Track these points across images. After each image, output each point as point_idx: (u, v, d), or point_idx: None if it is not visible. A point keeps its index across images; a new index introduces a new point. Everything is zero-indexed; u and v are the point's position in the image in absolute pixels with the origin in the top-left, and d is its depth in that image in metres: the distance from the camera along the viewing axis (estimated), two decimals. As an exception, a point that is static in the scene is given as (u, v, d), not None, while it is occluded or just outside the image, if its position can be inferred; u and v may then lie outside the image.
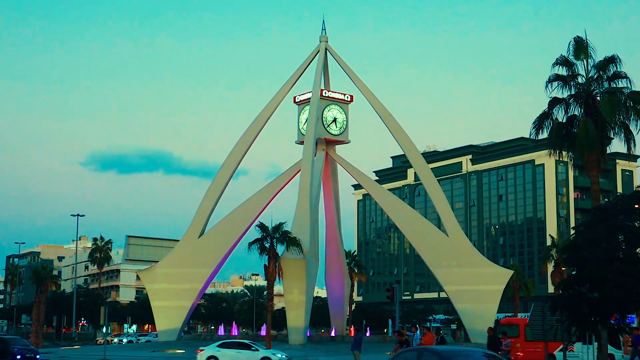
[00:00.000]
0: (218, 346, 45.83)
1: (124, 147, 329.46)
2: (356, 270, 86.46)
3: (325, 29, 69.91)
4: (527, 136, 42.76)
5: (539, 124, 40.46)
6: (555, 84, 40.17)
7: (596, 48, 39.51)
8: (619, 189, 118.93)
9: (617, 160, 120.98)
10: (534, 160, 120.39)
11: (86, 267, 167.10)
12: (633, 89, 38.91)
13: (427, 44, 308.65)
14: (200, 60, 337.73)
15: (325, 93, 69.81)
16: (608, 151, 40.11)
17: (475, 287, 62.28)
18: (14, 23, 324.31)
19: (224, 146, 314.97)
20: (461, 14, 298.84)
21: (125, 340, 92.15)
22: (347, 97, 71.02)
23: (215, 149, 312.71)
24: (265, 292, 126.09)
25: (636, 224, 30.00)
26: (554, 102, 40.42)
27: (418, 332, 38.54)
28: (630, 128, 38.69)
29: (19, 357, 43.50)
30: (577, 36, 39.81)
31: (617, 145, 40.24)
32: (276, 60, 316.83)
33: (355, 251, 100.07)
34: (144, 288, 75.68)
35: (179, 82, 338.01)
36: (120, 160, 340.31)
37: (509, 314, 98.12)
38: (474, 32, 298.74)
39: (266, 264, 61.34)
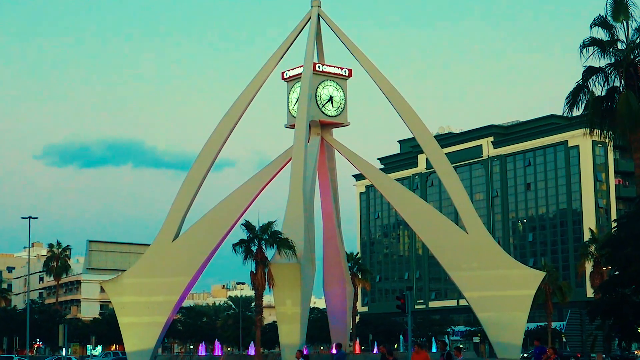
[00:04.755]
0: None
1: (87, 136, 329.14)
2: (360, 276, 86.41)
3: (317, -8, 69.72)
4: (559, 113, 42.95)
5: (573, 98, 40.52)
6: (591, 49, 40.17)
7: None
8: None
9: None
10: (567, 141, 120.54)
11: (41, 279, 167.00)
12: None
13: (437, 7, 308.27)
14: (172, 32, 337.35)
15: (319, 67, 69.70)
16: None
17: (501, 293, 62.31)
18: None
19: (205, 133, 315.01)
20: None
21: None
22: (345, 72, 70.92)
23: (195, 137, 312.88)
24: (252, 304, 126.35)
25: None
26: (589, 72, 40.46)
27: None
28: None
29: None
30: (616, -7, 39.80)
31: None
32: (262, 30, 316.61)
33: (358, 253, 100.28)
34: (110, 302, 75.59)
35: (148, 60, 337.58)
36: (81, 152, 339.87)
37: (542, 324, 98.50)
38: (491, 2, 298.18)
39: (253, 270, 61.33)
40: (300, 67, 68.90)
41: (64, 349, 57.96)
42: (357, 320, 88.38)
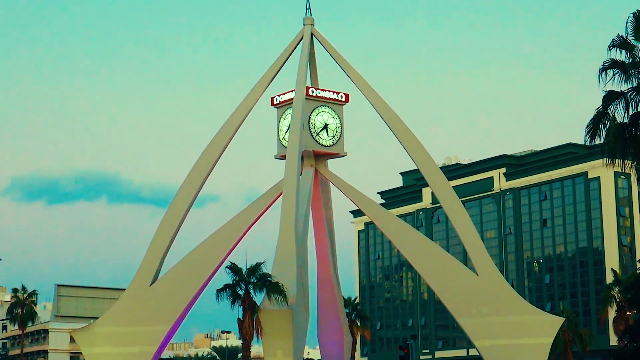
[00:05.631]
0: None
1: (56, 169, 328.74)
2: (358, 323, 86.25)
3: (310, 9, 70.04)
4: (577, 142, 43.11)
5: (594, 126, 40.64)
6: (611, 72, 40.36)
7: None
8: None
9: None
10: (586, 172, 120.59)
11: (4, 327, 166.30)
12: None
13: (442, 29, 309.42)
14: (149, 54, 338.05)
15: (313, 91, 69.87)
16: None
17: (515, 341, 62.21)
18: None
19: (186, 165, 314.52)
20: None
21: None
22: (341, 97, 71.10)
23: (176, 169, 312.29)
24: (239, 355, 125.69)
25: None
26: (610, 97, 40.65)
27: None
28: None
29: None
30: (637, 11, 40.09)
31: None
32: (250, 51, 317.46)
33: (356, 298, 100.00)
34: (81, 353, 75.24)
35: (125, 85, 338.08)
36: (50, 186, 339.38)
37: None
38: (501, 11, 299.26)
39: (240, 317, 61.15)
40: (292, 91, 69.02)
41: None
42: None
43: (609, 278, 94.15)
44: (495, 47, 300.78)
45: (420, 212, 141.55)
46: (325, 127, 70.15)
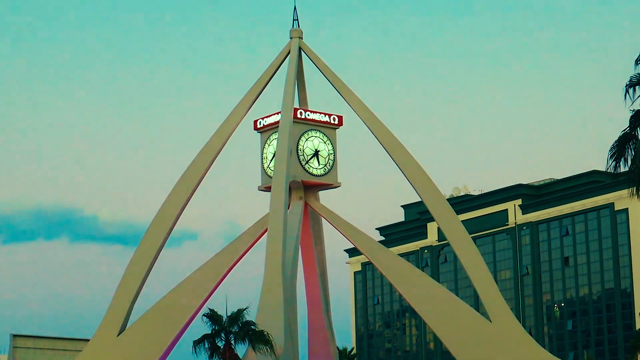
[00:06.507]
0: None
1: (10, 204, 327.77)
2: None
3: (297, 19, 70.04)
4: (603, 169, 42.81)
5: (618, 150, 40.44)
6: (639, 89, 40.24)
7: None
8: None
9: None
10: (612, 204, 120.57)
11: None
12: None
13: (450, 46, 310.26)
14: (118, 76, 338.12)
15: (302, 113, 69.78)
16: None
17: (534, 396, 62.02)
18: None
19: (159, 198, 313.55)
20: (498, 6, 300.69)
21: None
22: (334, 119, 70.98)
23: (146, 204, 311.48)
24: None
25: None
26: (637, 117, 40.49)
27: None
28: None
29: None
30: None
31: None
32: (231, 67, 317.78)
33: (353, 349, 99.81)
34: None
35: (87, 111, 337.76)
36: (4, 223, 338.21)
37: None
38: (513, 28, 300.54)
39: (220, 371, 60.87)
40: (277, 113, 68.93)
41: None
42: None
43: (639, 323, 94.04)
44: (508, 64, 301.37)
45: (425, 251, 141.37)
46: (316, 154, 70.01)
